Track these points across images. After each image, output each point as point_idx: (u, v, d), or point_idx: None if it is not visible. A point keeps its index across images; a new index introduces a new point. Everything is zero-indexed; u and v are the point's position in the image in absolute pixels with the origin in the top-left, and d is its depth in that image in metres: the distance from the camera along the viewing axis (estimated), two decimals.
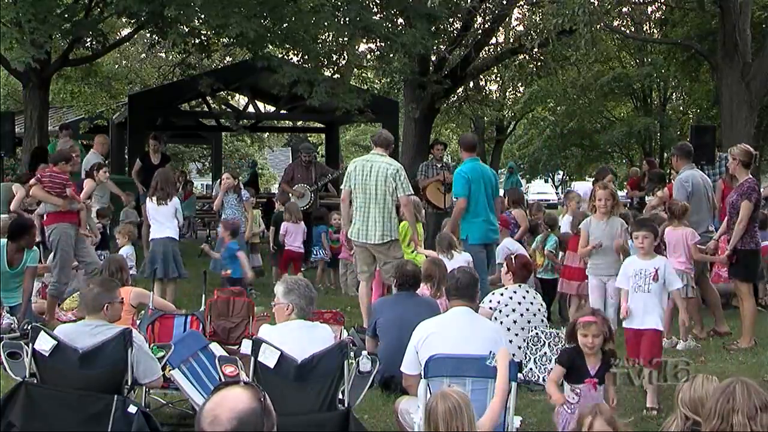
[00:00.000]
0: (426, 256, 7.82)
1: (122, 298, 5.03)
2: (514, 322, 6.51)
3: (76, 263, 9.10)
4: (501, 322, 6.40)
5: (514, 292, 6.63)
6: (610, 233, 7.05)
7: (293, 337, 4.42)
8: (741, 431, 2.85)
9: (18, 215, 9.93)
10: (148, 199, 9.16)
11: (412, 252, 8.24)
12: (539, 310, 6.64)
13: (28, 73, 13.07)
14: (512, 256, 7.11)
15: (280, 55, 15.18)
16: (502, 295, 6.62)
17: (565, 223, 9.50)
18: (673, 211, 7.93)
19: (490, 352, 4.19)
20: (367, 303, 7.57)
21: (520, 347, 6.43)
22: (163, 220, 8.93)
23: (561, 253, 8.75)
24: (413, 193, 8.08)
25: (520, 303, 6.58)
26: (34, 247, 8.04)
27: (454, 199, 8.96)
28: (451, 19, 17.03)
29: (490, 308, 6.53)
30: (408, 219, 7.88)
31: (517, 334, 6.48)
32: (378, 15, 14.18)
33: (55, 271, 8.39)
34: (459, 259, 7.62)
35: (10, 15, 11.11)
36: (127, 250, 9.47)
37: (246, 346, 4.40)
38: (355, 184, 7.72)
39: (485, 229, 8.41)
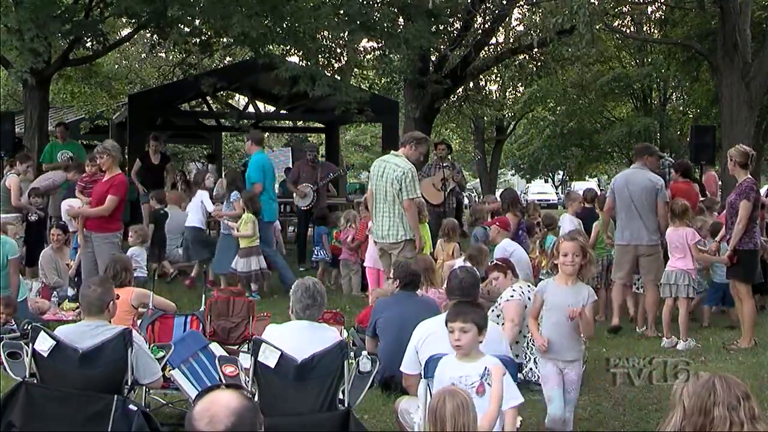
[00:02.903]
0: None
1: (117, 295, 5.03)
2: (527, 325, 6.47)
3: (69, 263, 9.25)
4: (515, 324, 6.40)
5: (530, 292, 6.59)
6: (574, 304, 4.90)
7: (296, 337, 4.42)
8: (720, 424, 2.88)
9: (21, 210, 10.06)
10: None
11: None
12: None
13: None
14: (498, 262, 7.04)
15: (280, 54, 15.18)
16: (529, 291, 6.55)
17: (566, 221, 9.51)
18: (674, 211, 7.94)
19: (485, 369, 4.04)
20: None
21: (523, 349, 6.43)
22: (192, 212, 10.63)
23: None
24: (418, 195, 8.09)
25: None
26: (10, 239, 7.92)
27: (254, 184, 10.25)
28: (451, 19, 17.04)
29: (528, 299, 6.32)
30: (410, 222, 7.90)
31: (525, 336, 6.45)
32: (378, 13, 14.16)
33: None
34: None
35: (11, 22, 11.11)
36: (135, 251, 9.49)
37: (245, 359, 4.41)
38: (372, 185, 8.07)
39: (275, 209, 10.71)
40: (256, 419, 2.39)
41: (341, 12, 13.17)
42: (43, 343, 4.34)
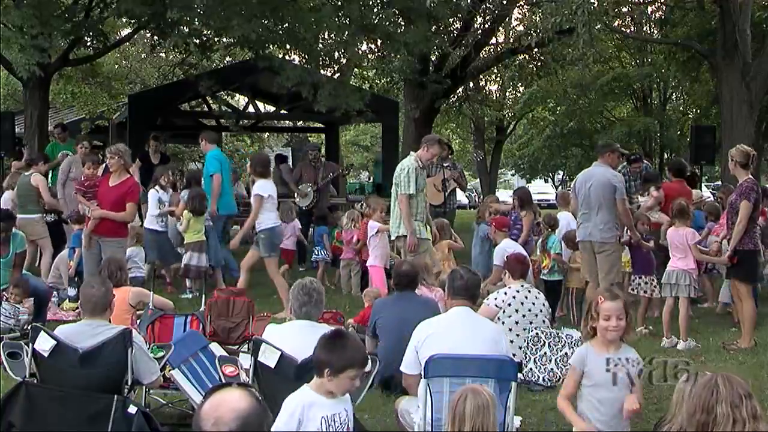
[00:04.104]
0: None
1: (114, 294, 5.03)
2: (516, 323, 6.49)
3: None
4: (503, 323, 6.40)
5: (517, 291, 6.60)
6: (622, 378, 4.20)
7: (296, 337, 4.42)
8: (724, 422, 2.90)
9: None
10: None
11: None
12: (541, 311, 6.61)
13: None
14: (505, 256, 7.14)
15: (281, 55, 15.19)
16: (505, 294, 6.59)
17: (564, 220, 9.51)
18: (675, 210, 7.93)
19: None
20: None
21: (520, 347, 6.42)
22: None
23: (567, 251, 8.78)
24: (411, 191, 8.17)
25: (522, 303, 6.55)
26: (20, 233, 8.10)
27: (212, 179, 10.12)
28: (451, 19, 17.05)
29: (496, 306, 6.50)
30: (403, 218, 8.15)
31: (518, 335, 6.47)
32: (379, 15, 14.17)
33: None
34: None
35: (13, 20, 11.12)
36: (132, 251, 9.48)
37: (245, 359, 4.42)
38: None
39: (232, 202, 10.62)
40: (263, 421, 2.38)
41: (341, 14, 13.17)
42: (44, 344, 4.34)
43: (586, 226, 8.14)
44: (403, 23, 15.14)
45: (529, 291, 6.71)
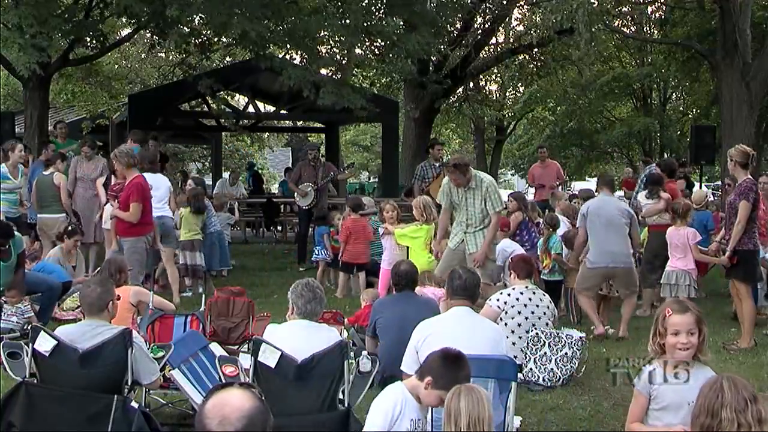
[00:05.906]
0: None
1: (119, 296, 5.03)
2: (519, 325, 6.42)
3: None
4: (506, 324, 6.35)
5: (521, 293, 6.52)
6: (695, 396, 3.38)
7: (296, 336, 4.43)
8: (728, 426, 2.90)
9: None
10: None
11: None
12: (545, 313, 6.51)
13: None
14: (511, 257, 7.13)
15: (281, 55, 15.19)
16: (509, 295, 6.51)
17: (563, 219, 9.51)
18: (677, 211, 7.93)
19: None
20: None
21: (522, 350, 6.37)
22: None
23: (566, 251, 8.77)
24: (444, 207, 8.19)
25: (525, 305, 6.46)
26: (18, 234, 8.06)
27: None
28: (451, 19, 17.06)
29: (498, 307, 6.45)
30: None
31: (520, 337, 6.41)
32: (382, 20, 14.15)
33: None
34: None
35: (13, 19, 11.13)
36: None
37: (245, 359, 4.43)
38: None
39: None
40: (267, 421, 2.38)
41: (343, 17, 13.17)
42: (44, 344, 4.34)
43: (612, 252, 7.85)
44: (403, 24, 15.14)
45: (534, 292, 6.58)
